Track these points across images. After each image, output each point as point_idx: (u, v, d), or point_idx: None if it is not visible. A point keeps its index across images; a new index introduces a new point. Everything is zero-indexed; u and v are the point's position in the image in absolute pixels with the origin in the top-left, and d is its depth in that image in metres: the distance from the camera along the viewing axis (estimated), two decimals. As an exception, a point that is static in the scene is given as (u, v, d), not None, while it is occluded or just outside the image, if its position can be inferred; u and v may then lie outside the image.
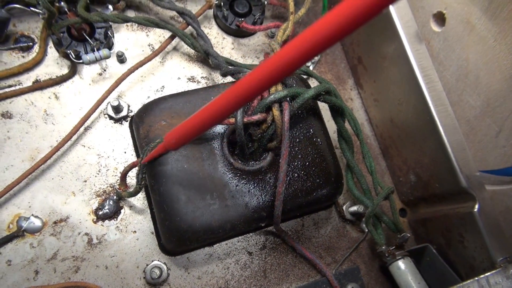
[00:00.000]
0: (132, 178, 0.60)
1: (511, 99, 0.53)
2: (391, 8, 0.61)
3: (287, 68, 0.29)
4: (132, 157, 0.62)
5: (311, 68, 0.74)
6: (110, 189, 0.60)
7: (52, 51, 0.63)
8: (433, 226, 0.65)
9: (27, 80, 0.61)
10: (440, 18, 0.58)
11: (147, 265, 0.58)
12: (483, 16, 0.52)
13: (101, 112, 0.63)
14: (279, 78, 0.30)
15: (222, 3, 0.69)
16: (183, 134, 0.43)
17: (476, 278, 0.51)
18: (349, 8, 0.23)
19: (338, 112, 0.61)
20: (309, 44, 0.26)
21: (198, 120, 0.41)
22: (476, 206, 0.55)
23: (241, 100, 0.35)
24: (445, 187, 0.60)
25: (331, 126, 0.65)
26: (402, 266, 0.59)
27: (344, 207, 0.66)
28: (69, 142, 0.59)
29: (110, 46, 0.65)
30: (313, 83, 0.70)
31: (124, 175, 0.57)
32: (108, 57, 0.61)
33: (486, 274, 0.52)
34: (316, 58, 0.73)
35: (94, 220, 0.58)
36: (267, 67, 0.30)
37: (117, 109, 0.62)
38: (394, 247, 0.60)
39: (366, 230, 0.65)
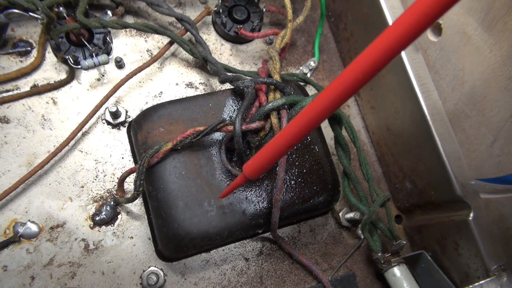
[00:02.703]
0: (129, 184, 0.60)
1: (505, 109, 0.54)
2: (388, 17, 0.61)
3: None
4: (129, 163, 0.62)
5: (308, 75, 0.74)
6: (108, 194, 0.60)
7: (50, 56, 0.63)
8: (428, 233, 0.65)
9: (25, 85, 0.61)
10: (436, 28, 0.59)
11: (144, 271, 0.58)
12: (479, 27, 0.53)
13: (99, 118, 0.63)
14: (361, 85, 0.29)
15: (220, 10, 0.69)
16: (260, 163, 0.43)
17: (471, 286, 0.52)
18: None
19: (335, 120, 0.61)
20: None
21: (274, 147, 0.40)
22: (471, 214, 0.56)
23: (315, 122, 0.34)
24: (440, 195, 0.61)
25: (328, 132, 0.65)
26: (398, 273, 0.59)
27: (340, 214, 0.67)
28: (67, 148, 0.59)
29: (108, 52, 0.65)
30: (310, 90, 0.71)
31: (121, 181, 0.57)
32: (106, 62, 0.61)
33: (481, 282, 0.53)
34: (314, 65, 0.74)
35: (91, 225, 0.58)
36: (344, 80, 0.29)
37: (115, 114, 0.62)
38: (389, 254, 0.60)
39: (362, 237, 0.65)
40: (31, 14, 0.58)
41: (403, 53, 0.60)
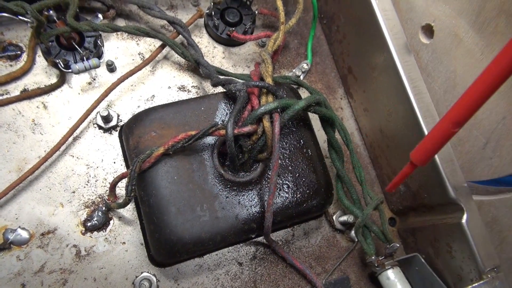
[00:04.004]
0: (121, 189, 0.60)
1: (497, 112, 0.54)
2: (380, 19, 0.61)
3: None
4: (121, 168, 0.61)
5: (301, 77, 0.74)
6: (99, 200, 0.59)
7: (40, 60, 0.62)
8: (422, 236, 0.65)
9: (14, 89, 0.60)
10: (428, 30, 0.59)
11: (137, 277, 0.57)
12: (471, 29, 0.53)
13: (90, 122, 0.62)
14: None
15: (213, 13, 0.69)
16: (428, 148, 0.42)
17: (464, 289, 0.52)
18: None
19: (328, 123, 0.61)
20: None
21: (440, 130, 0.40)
22: (464, 217, 0.56)
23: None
24: (433, 197, 0.61)
25: (321, 135, 0.65)
26: (392, 276, 0.59)
27: (334, 217, 0.67)
28: (58, 153, 0.59)
29: (99, 55, 0.64)
30: (303, 92, 0.70)
31: (113, 186, 0.56)
32: (97, 66, 0.61)
33: (474, 285, 0.53)
34: (307, 68, 0.74)
35: (83, 231, 0.58)
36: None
37: (106, 118, 0.61)
38: (383, 256, 0.60)
39: (356, 240, 0.65)
40: (20, 17, 0.57)
41: (395, 56, 0.60)
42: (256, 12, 0.72)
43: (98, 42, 0.63)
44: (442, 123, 0.39)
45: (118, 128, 0.63)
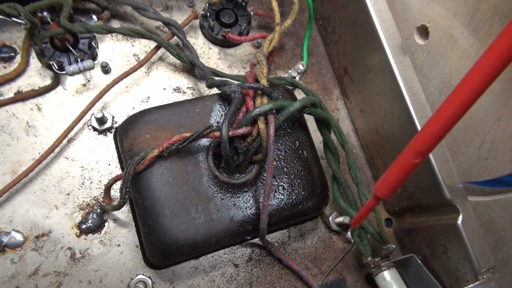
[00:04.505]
0: (116, 191, 0.59)
1: (492, 113, 0.54)
2: (376, 21, 0.61)
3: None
4: (116, 169, 0.61)
5: (297, 78, 0.74)
6: (94, 202, 0.59)
7: (34, 62, 0.62)
8: (418, 237, 0.65)
9: (8, 91, 0.60)
10: (423, 31, 0.59)
11: (132, 279, 0.57)
12: (465, 30, 0.53)
13: (84, 124, 0.62)
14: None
15: (208, 14, 0.69)
16: (392, 181, 0.41)
17: (460, 290, 0.52)
18: None
19: (324, 124, 0.61)
20: None
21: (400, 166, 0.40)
22: (460, 218, 0.56)
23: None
24: (429, 198, 0.60)
25: (316, 136, 0.65)
26: (388, 277, 0.59)
27: (330, 218, 0.67)
28: (52, 155, 0.59)
29: (94, 57, 0.64)
30: (299, 94, 0.70)
31: (108, 188, 0.56)
32: (92, 68, 0.60)
33: (470, 286, 0.53)
34: (302, 68, 0.74)
35: (77, 234, 0.57)
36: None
37: (101, 120, 0.61)
38: (379, 258, 0.60)
39: (352, 241, 0.65)
40: (14, 19, 0.57)
41: (390, 57, 0.60)
42: (252, 13, 0.72)
43: (93, 43, 0.63)
44: (403, 154, 0.39)
45: (113, 130, 0.62)
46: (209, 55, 0.71)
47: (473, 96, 0.32)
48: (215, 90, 0.66)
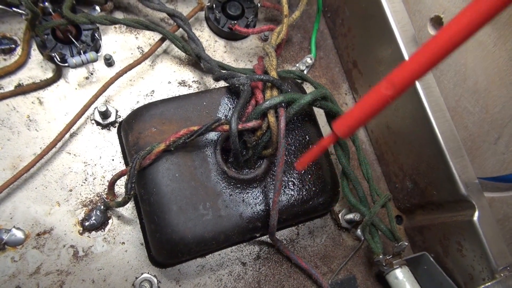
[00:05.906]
0: (120, 187, 0.58)
1: (510, 105, 0.52)
2: (388, 12, 0.60)
3: None
4: (120, 165, 0.59)
5: (305, 72, 0.72)
6: (97, 198, 0.57)
7: (35, 54, 0.60)
8: (430, 234, 0.63)
9: (9, 84, 0.58)
10: (437, 22, 0.57)
11: (136, 278, 0.55)
12: (482, 20, 0.51)
13: (87, 118, 0.60)
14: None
15: (214, 5, 0.67)
16: (356, 116, 0.38)
17: (476, 289, 0.50)
18: None
19: (334, 118, 0.59)
20: None
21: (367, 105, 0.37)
22: (476, 214, 0.54)
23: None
24: (443, 195, 0.59)
25: (326, 131, 0.64)
26: (400, 276, 0.57)
27: (339, 215, 0.65)
28: (54, 150, 0.57)
29: (97, 49, 0.62)
30: (308, 87, 0.68)
31: (112, 184, 0.54)
32: (95, 60, 0.59)
33: (487, 284, 0.51)
34: (310, 62, 0.72)
35: (80, 231, 0.55)
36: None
37: (104, 114, 0.59)
38: (391, 255, 0.59)
39: (362, 238, 0.63)
40: (14, 9, 0.55)
41: (403, 49, 0.58)
42: (259, 5, 0.70)
43: (96, 35, 0.61)
44: (376, 86, 0.35)
45: (117, 124, 0.61)
46: (214, 48, 0.69)
47: (468, 31, 0.29)
48: (221, 84, 0.64)
